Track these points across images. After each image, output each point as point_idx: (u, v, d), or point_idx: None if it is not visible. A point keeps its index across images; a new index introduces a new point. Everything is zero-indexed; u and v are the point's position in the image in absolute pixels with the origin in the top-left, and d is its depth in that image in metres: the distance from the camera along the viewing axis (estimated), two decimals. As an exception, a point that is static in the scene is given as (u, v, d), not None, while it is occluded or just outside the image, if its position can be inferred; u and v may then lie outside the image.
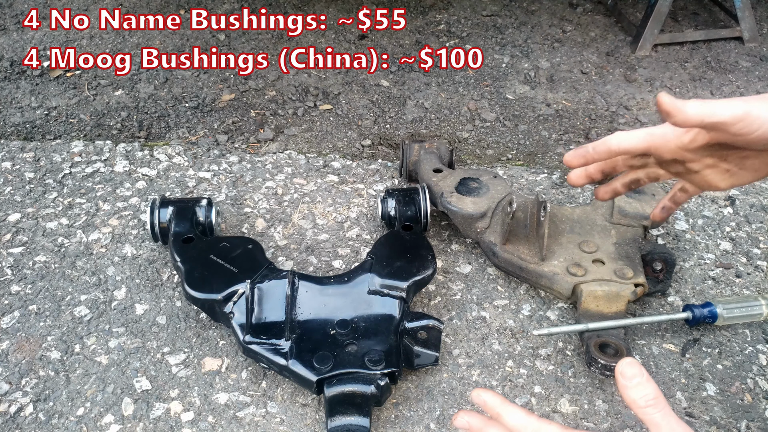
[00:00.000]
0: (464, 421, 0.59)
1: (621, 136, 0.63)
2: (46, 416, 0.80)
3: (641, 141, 0.63)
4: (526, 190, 1.18)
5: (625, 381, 0.53)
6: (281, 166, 1.22)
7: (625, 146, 0.64)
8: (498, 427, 0.57)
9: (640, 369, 0.53)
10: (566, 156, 0.68)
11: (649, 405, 0.53)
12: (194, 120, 1.35)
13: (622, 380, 0.54)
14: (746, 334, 0.92)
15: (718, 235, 1.08)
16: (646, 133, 0.63)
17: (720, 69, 1.55)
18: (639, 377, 0.53)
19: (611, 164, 0.71)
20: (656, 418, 0.52)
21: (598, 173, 0.71)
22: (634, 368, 0.53)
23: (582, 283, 0.89)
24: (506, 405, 0.57)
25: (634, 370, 0.53)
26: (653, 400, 0.53)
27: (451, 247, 1.05)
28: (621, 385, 0.54)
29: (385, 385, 0.76)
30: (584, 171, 0.71)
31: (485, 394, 0.59)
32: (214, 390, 0.83)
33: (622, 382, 0.54)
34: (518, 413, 0.56)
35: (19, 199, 1.12)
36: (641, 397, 0.53)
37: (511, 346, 0.90)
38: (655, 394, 0.53)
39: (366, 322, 0.83)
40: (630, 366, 0.53)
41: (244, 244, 0.93)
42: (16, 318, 0.92)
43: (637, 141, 0.63)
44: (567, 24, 1.73)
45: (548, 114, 1.40)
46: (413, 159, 1.13)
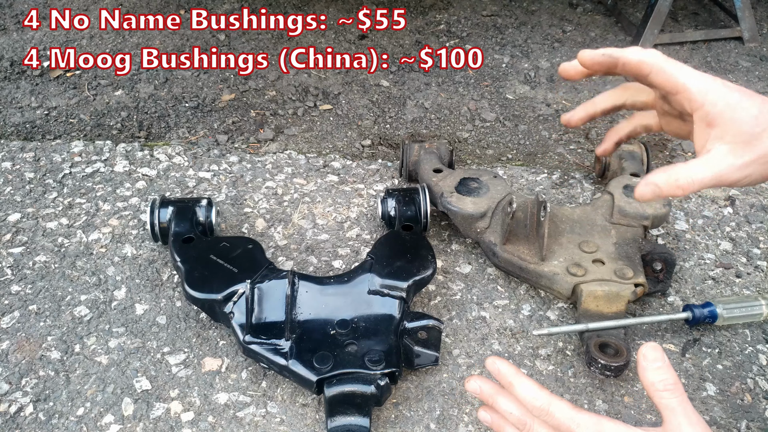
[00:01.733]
0: (476, 385, 0.59)
1: (661, 63, 0.60)
2: (46, 416, 0.80)
3: (672, 82, 0.60)
4: (526, 190, 1.18)
5: (646, 363, 0.54)
6: (281, 166, 1.22)
7: (656, 78, 0.60)
8: (508, 396, 0.58)
9: (662, 354, 0.54)
10: (581, 54, 0.63)
11: (667, 389, 0.53)
12: (194, 120, 1.35)
13: (643, 362, 0.54)
14: (746, 334, 0.92)
15: (718, 235, 1.08)
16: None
17: (720, 69, 1.55)
18: (661, 361, 0.53)
19: (629, 127, 0.75)
20: (672, 404, 0.53)
21: (600, 112, 0.74)
22: (657, 352, 0.54)
23: (582, 283, 0.89)
24: (519, 376, 0.58)
25: (657, 353, 0.54)
26: (672, 385, 0.53)
27: (451, 247, 1.05)
28: (641, 366, 0.54)
29: (385, 385, 0.76)
30: (586, 112, 0.74)
31: (500, 362, 0.60)
32: (214, 390, 0.83)
33: (642, 364, 0.54)
34: (530, 385, 0.57)
35: (19, 199, 1.12)
36: (660, 380, 0.53)
37: (511, 346, 0.90)
38: (674, 380, 0.53)
39: (366, 322, 0.83)
40: (653, 349, 0.54)
41: (244, 244, 0.93)
42: (16, 318, 0.92)
43: (670, 77, 0.60)
44: (567, 24, 1.73)
45: (548, 114, 1.40)
46: (413, 159, 1.13)
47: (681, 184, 0.56)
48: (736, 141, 0.56)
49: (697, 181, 0.56)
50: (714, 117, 0.56)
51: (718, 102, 0.56)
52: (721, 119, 0.56)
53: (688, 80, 0.57)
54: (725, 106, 0.56)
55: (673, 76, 0.57)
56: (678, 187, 0.56)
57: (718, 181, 0.56)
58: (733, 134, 0.56)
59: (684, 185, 0.56)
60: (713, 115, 0.56)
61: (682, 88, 0.57)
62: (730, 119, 0.55)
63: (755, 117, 0.55)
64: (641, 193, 0.58)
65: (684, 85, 0.57)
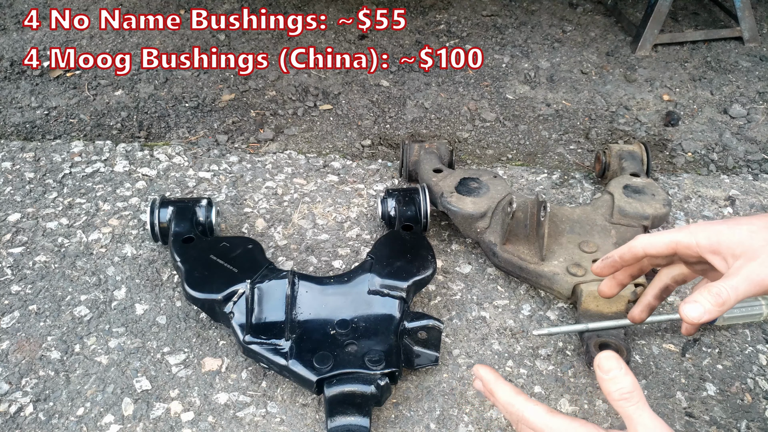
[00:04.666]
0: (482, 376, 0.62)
1: (646, 242, 0.66)
2: (46, 416, 0.80)
3: (666, 246, 0.65)
4: (526, 190, 1.18)
5: (601, 373, 0.55)
6: (281, 166, 1.22)
7: (651, 252, 0.66)
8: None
9: (617, 362, 0.55)
10: (594, 267, 0.71)
11: (623, 398, 0.54)
12: (194, 120, 1.35)
13: (599, 372, 0.56)
14: (746, 334, 0.92)
15: (718, 235, 1.08)
16: (670, 239, 0.65)
17: (720, 69, 1.55)
18: (616, 370, 0.55)
19: (638, 267, 0.72)
20: (629, 411, 0.54)
21: (627, 278, 0.73)
22: (611, 361, 0.55)
23: (582, 283, 0.89)
24: (498, 382, 0.61)
25: (611, 363, 0.55)
26: (628, 393, 0.54)
27: (451, 247, 1.05)
28: (598, 377, 0.56)
29: (385, 385, 0.76)
30: (613, 280, 0.73)
31: (482, 369, 0.62)
32: (214, 390, 0.83)
33: (599, 374, 0.56)
34: (507, 391, 0.59)
35: (19, 199, 1.12)
36: (616, 390, 0.54)
37: (511, 346, 0.90)
38: (630, 388, 0.54)
39: (366, 322, 0.83)
40: (607, 359, 0.55)
41: (244, 244, 0.93)
42: (16, 318, 0.92)
43: (661, 246, 0.65)
44: (567, 24, 1.73)
45: (548, 114, 1.40)
46: (413, 159, 1.13)
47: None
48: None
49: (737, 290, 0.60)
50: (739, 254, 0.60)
51: (735, 247, 0.61)
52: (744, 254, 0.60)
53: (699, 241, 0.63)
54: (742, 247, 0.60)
55: (692, 248, 0.63)
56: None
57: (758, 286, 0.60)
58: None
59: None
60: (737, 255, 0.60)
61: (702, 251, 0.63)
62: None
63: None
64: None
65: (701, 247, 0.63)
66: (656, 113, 1.41)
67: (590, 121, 1.39)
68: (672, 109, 1.42)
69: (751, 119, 1.39)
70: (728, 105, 1.43)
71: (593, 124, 1.37)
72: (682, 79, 1.52)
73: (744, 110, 1.40)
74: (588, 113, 1.41)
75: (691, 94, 1.47)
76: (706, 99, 1.45)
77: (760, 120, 1.38)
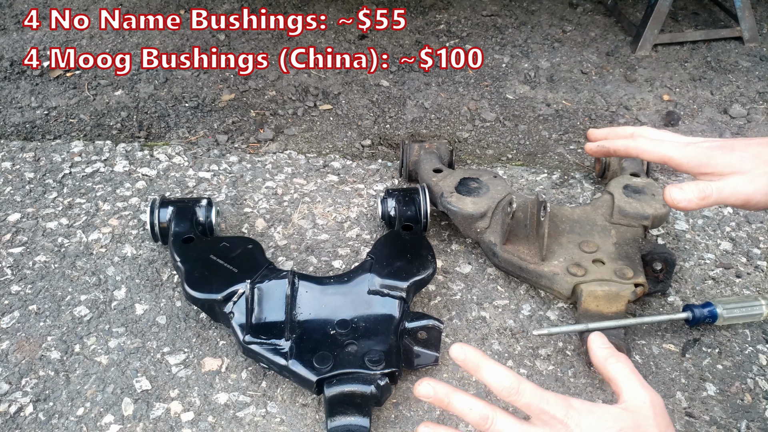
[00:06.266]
0: (428, 388, 0.60)
1: (641, 149, 0.71)
2: (46, 416, 0.80)
3: (658, 158, 0.70)
4: (526, 190, 1.18)
5: (593, 345, 0.60)
6: (281, 166, 1.22)
7: (644, 157, 0.72)
8: (465, 394, 0.58)
9: (608, 342, 0.61)
10: (589, 147, 0.78)
11: (613, 356, 0.59)
12: (194, 120, 1.35)
13: (591, 345, 0.60)
14: (746, 334, 0.92)
15: (718, 235, 1.08)
16: (663, 153, 0.69)
17: (720, 69, 1.55)
18: (607, 345, 0.60)
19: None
20: (620, 369, 0.58)
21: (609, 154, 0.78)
22: (602, 338, 0.61)
23: (582, 283, 0.89)
24: (486, 359, 0.59)
25: (603, 339, 0.61)
26: (618, 356, 0.59)
27: (451, 247, 1.05)
28: (590, 350, 0.60)
29: (385, 385, 0.76)
30: (601, 148, 0.78)
31: (466, 347, 0.60)
32: (214, 390, 0.83)
33: (591, 347, 0.60)
34: (498, 367, 0.58)
35: (19, 199, 1.12)
36: (608, 355, 0.59)
37: (511, 346, 0.90)
38: (622, 357, 0.59)
39: (366, 322, 0.83)
40: (599, 336, 0.61)
41: (244, 244, 0.93)
42: (16, 318, 0.92)
43: (654, 156, 0.70)
44: (567, 24, 1.73)
45: (548, 114, 1.40)
46: (413, 159, 1.13)
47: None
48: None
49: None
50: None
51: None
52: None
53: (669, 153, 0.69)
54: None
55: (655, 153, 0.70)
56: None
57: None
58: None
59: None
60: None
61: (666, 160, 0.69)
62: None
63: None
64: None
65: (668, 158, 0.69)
66: (656, 113, 1.41)
67: (590, 121, 1.39)
68: (672, 109, 1.42)
69: (751, 119, 1.39)
70: (728, 105, 1.43)
71: (593, 124, 1.37)
72: (682, 79, 1.52)
73: (744, 110, 1.40)
74: (588, 113, 1.41)
75: (691, 94, 1.47)
76: (706, 99, 1.45)
77: (760, 120, 1.38)
